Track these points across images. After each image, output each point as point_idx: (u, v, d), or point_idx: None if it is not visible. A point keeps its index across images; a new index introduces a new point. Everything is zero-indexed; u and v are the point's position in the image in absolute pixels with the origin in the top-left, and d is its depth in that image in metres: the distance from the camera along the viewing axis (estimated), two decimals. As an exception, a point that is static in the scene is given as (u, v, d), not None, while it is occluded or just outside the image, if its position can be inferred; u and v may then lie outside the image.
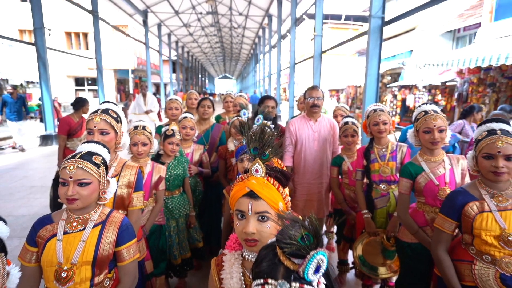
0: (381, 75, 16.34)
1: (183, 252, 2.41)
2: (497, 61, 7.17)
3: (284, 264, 0.62)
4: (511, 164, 1.25)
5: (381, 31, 5.76)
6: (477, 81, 9.68)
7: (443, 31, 13.66)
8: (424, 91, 12.11)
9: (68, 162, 1.14)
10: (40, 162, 6.83)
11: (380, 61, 5.91)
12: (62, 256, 1.10)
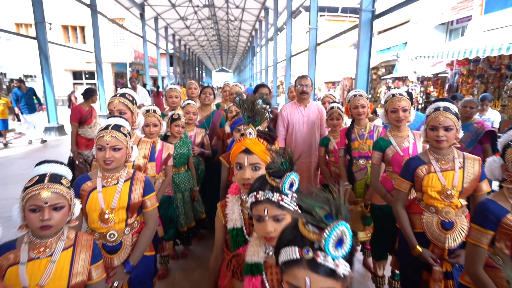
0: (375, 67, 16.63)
1: (188, 221, 2.77)
2: (483, 53, 7.49)
3: (269, 183, 0.96)
4: (449, 134, 1.59)
5: (371, 24, 6.05)
6: (466, 72, 10.03)
7: (437, 23, 13.90)
8: (417, 83, 12.46)
9: (104, 132, 1.46)
10: (46, 152, 7.13)
11: (371, 53, 6.21)
12: (104, 203, 1.44)
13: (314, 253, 0.64)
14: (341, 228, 0.63)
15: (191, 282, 2.60)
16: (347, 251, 0.64)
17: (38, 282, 1.05)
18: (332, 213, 0.65)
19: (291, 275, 0.66)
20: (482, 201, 1.28)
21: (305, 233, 0.66)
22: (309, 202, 0.66)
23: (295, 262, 0.66)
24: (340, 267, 0.63)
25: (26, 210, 1.05)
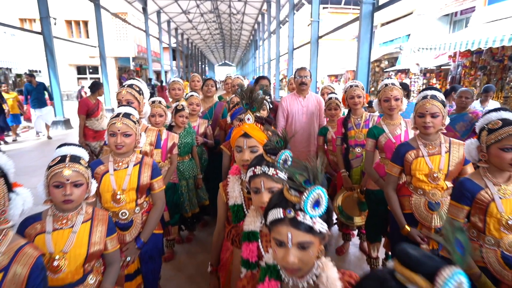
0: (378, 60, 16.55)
1: (192, 207, 2.91)
2: (485, 45, 7.49)
3: (266, 160, 1.09)
4: (436, 120, 1.70)
5: (372, 17, 6.09)
6: (469, 64, 10.02)
7: (440, 14, 13.78)
8: (420, 75, 12.44)
9: (115, 119, 1.59)
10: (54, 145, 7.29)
11: (372, 45, 6.25)
12: (115, 185, 1.58)
13: (295, 213, 0.76)
14: (317, 191, 0.75)
15: (195, 264, 2.76)
16: (323, 211, 0.76)
17: (62, 248, 1.19)
18: (310, 179, 0.77)
19: (277, 232, 0.79)
20: (460, 180, 1.40)
21: (288, 196, 0.79)
22: (291, 170, 0.79)
23: (279, 220, 0.78)
24: (317, 225, 0.76)
25: (50, 186, 1.19)
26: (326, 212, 0.78)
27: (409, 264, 0.54)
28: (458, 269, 0.51)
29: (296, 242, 0.76)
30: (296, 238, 0.76)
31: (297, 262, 0.76)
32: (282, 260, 0.77)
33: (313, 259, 0.79)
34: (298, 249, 0.76)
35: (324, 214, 0.78)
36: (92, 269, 1.29)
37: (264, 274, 0.87)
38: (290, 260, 0.75)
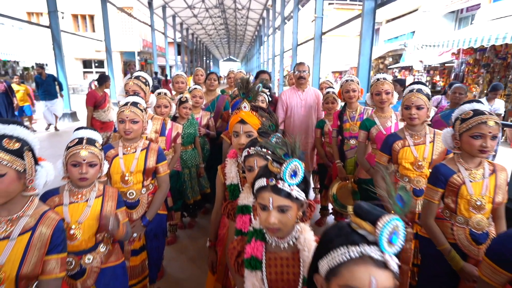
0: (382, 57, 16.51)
1: (194, 194, 3.07)
2: (488, 42, 7.52)
3: (259, 141, 1.23)
4: (421, 112, 1.83)
5: (374, 13, 6.15)
6: (473, 62, 10.03)
7: (446, 11, 13.71)
8: (423, 72, 12.46)
9: (124, 107, 1.74)
10: (62, 136, 7.52)
11: (373, 42, 6.33)
12: (124, 167, 1.73)
13: (276, 181, 0.90)
14: (294, 163, 0.90)
15: (197, 248, 2.92)
16: (299, 180, 0.91)
17: (77, 219, 1.33)
18: (288, 153, 0.91)
19: (261, 197, 0.93)
20: (436, 165, 1.53)
21: (271, 168, 0.93)
22: (273, 145, 0.93)
23: (263, 188, 0.92)
24: (294, 191, 0.90)
25: (68, 165, 1.34)
26: (303, 182, 0.93)
27: (361, 214, 0.67)
28: (395, 216, 0.64)
29: (276, 205, 0.90)
30: (276, 202, 0.90)
31: (277, 222, 0.90)
32: (265, 221, 0.91)
33: (291, 221, 0.93)
34: (278, 212, 0.90)
35: (301, 184, 0.92)
36: (103, 239, 1.45)
37: (251, 236, 1.02)
38: (271, 220, 0.89)
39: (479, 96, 9.60)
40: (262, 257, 0.98)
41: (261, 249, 0.99)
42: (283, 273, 0.97)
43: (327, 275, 0.68)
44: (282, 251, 0.98)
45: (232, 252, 1.07)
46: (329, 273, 0.67)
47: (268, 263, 0.98)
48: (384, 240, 0.62)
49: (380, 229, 0.62)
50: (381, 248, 0.63)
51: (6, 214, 1.04)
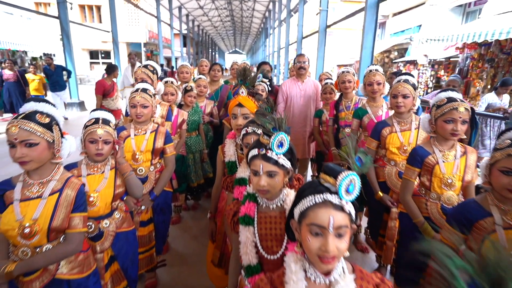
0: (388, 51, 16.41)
1: (198, 178, 3.26)
2: (491, 37, 7.54)
3: (256, 122, 1.40)
4: (407, 101, 1.98)
5: (377, 7, 6.22)
6: (477, 56, 10.01)
7: (453, 5, 13.57)
8: (428, 67, 12.44)
9: (135, 93, 1.92)
10: (72, 125, 7.75)
11: (375, 36, 6.40)
12: (135, 147, 1.92)
13: (266, 151, 1.08)
14: (281, 135, 1.07)
15: (199, 227, 3.13)
16: (285, 150, 1.08)
17: (95, 188, 1.51)
18: (276, 127, 1.08)
19: (253, 164, 1.11)
20: (414, 148, 1.69)
21: (262, 140, 1.10)
22: (262, 119, 1.10)
23: (255, 156, 1.10)
24: (280, 160, 1.08)
25: (86, 142, 1.52)
26: (289, 153, 1.10)
27: (327, 172, 0.84)
28: (353, 172, 0.81)
29: (265, 170, 1.08)
30: (265, 168, 1.08)
31: (266, 185, 1.08)
32: (257, 184, 1.09)
33: (279, 185, 1.11)
34: (267, 177, 1.08)
35: (287, 153, 1.09)
36: (117, 207, 1.64)
37: (245, 199, 1.20)
38: (261, 183, 1.07)
39: (483, 91, 9.62)
40: (254, 215, 1.16)
41: (254, 209, 1.17)
42: (271, 229, 1.15)
43: (299, 218, 0.84)
44: (271, 211, 1.16)
45: (229, 212, 1.25)
46: (300, 216, 0.83)
47: (259, 220, 1.16)
48: (343, 189, 0.79)
49: (339, 181, 0.79)
50: (340, 195, 0.80)
51: (38, 178, 1.23)
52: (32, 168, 1.18)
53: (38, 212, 1.18)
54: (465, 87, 10.87)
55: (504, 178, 1.12)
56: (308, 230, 0.79)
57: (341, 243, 0.78)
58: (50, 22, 18.90)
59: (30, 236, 1.16)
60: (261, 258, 1.15)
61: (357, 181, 0.80)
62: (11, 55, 17.08)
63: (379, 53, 16.67)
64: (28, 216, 1.16)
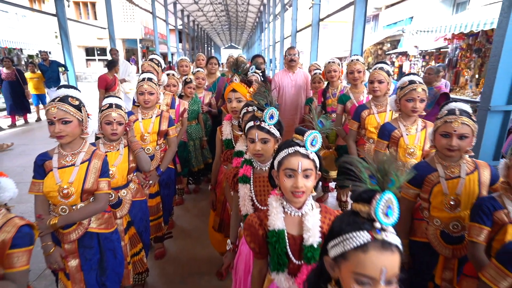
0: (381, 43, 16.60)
1: (198, 163, 3.54)
2: (477, 27, 7.82)
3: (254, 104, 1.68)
4: (382, 86, 2.26)
5: (366, 1, 6.46)
6: (466, 47, 10.30)
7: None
8: (419, 58, 12.72)
9: (143, 82, 2.18)
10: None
11: (365, 28, 6.64)
12: (143, 128, 2.19)
13: (260, 122, 1.36)
14: (272, 109, 1.35)
15: (200, 208, 3.42)
16: (275, 121, 1.36)
17: (113, 163, 1.79)
18: (268, 102, 1.36)
19: (249, 134, 1.39)
20: (383, 124, 1.97)
21: (256, 114, 1.38)
22: (257, 97, 1.38)
23: (251, 127, 1.38)
24: (272, 129, 1.36)
25: (102, 123, 1.79)
26: (278, 124, 1.39)
27: (297, 132, 1.12)
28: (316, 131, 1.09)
29: (260, 138, 1.36)
30: (259, 136, 1.36)
31: (260, 149, 1.36)
32: (253, 149, 1.38)
33: (270, 150, 1.39)
34: (261, 143, 1.37)
35: (276, 125, 1.38)
36: (131, 179, 1.92)
37: (243, 164, 1.48)
38: (257, 148, 1.36)
39: (471, 80, 9.94)
40: (250, 175, 1.45)
41: (250, 170, 1.46)
42: (264, 186, 1.44)
43: (277, 166, 1.08)
44: (264, 172, 1.45)
45: (229, 175, 1.54)
46: (278, 165, 1.07)
47: (254, 179, 1.45)
48: (308, 143, 1.04)
49: (305, 137, 1.04)
50: (306, 147, 1.04)
51: (70, 150, 1.50)
52: (67, 142, 1.45)
53: (73, 177, 1.45)
54: (455, 77, 11.18)
55: (443, 140, 1.40)
56: (284, 173, 1.07)
57: (308, 181, 1.06)
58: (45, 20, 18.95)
59: (67, 196, 1.44)
60: (255, 209, 1.44)
61: (319, 137, 1.08)
62: (7, 53, 17.16)
63: (373, 45, 16.91)
64: (65, 180, 1.44)
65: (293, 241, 1.10)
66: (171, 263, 2.47)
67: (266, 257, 1.16)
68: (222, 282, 2.24)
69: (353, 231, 0.69)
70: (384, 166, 0.70)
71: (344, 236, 0.70)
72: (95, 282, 1.55)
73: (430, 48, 11.99)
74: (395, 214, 0.69)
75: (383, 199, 0.68)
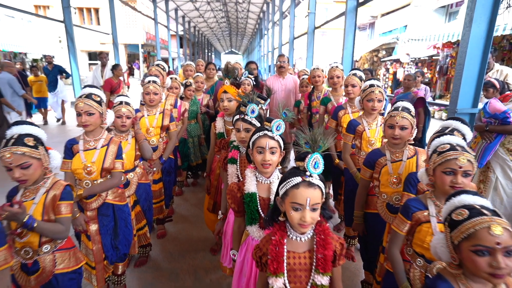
0: (376, 50, 17.05)
1: (196, 159, 3.91)
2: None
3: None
4: (355, 89, 2.63)
5: (356, 11, 6.88)
6: (455, 54, 10.74)
7: (437, 6, 14.31)
8: (412, 65, 13.17)
9: (149, 84, 2.55)
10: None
11: (355, 37, 7.06)
12: (148, 123, 2.57)
13: (244, 116, 1.75)
14: (252, 106, 1.73)
15: (198, 198, 3.78)
16: (256, 115, 1.75)
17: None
18: (249, 100, 1.75)
19: (236, 125, 1.77)
20: (349, 120, 2.35)
21: (241, 109, 1.76)
22: (242, 96, 1.76)
23: (237, 120, 1.78)
24: (253, 121, 1.75)
25: (116, 118, 2.16)
26: (258, 117, 1.76)
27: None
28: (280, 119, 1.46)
29: (243, 128, 1.74)
30: (243, 126, 1.75)
31: (244, 137, 1.73)
32: (239, 137, 1.75)
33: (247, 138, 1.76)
34: (245, 132, 1.74)
35: (257, 118, 1.75)
36: (137, 165, 2.29)
37: (232, 148, 1.86)
38: (241, 135, 1.74)
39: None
40: (237, 158, 1.82)
41: (237, 154, 1.83)
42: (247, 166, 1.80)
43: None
44: None
45: (221, 157, 1.93)
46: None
47: (240, 161, 1.82)
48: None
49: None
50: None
51: (92, 136, 1.86)
52: (90, 130, 1.82)
53: (95, 157, 1.82)
54: (446, 83, 11.60)
55: (389, 130, 1.75)
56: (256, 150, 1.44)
57: (274, 157, 1.43)
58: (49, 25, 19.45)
59: (90, 173, 1.80)
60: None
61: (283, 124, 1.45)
62: (13, 57, 17.61)
63: (368, 52, 17.39)
64: (89, 160, 1.80)
65: (263, 201, 1.46)
66: (171, 242, 2.82)
67: (243, 215, 1.52)
68: (214, 257, 2.59)
69: (292, 177, 1.07)
70: (315, 136, 1.08)
71: (287, 180, 1.08)
72: (110, 244, 1.90)
73: (421, 56, 12.43)
74: (321, 167, 1.08)
75: (312, 158, 1.06)
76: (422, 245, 1.33)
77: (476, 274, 0.92)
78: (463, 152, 1.23)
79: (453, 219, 0.96)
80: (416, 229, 1.35)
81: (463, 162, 1.21)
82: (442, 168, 1.26)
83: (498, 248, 0.86)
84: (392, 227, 1.45)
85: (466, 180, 1.24)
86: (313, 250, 1.10)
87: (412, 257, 1.41)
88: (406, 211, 1.38)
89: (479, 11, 3.30)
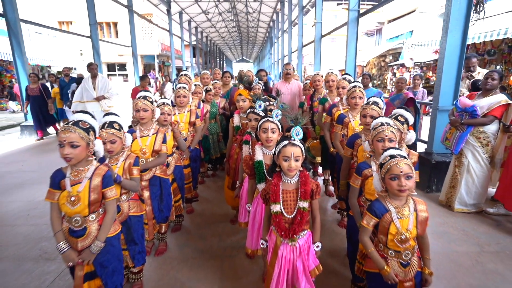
0: (383, 55, 17.53)
1: (216, 153, 4.58)
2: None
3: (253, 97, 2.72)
4: (344, 90, 3.26)
5: (357, 21, 7.51)
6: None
7: (441, 12, 14.74)
8: (417, 69, 13.62)
9: (180, 89, 3.24)
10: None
11: (357, 44, 7.67)
12: (180, 120, 3.26)
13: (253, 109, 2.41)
14: (260, 102, 2.40)
15: (217, 185, 4.45)
16: (262, 110, 2.40)
17: (146, 143, 2.75)
18: (257, 98, 2.41)
19: (248, 116, 2.42)
20: (339, 114, 2.97)
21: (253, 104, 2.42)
22: (253, 96, 2.43)
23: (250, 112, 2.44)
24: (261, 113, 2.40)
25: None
26: (263, 111, 2.41)
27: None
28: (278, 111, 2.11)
29: (254, 118, 2.39)
30: (253, 117, 2.40)
31: (255, 125, 2.38)
32: (250, 126, 2.41)
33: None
34: (255, 121, 2.39)
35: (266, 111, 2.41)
36: (174, 151, 2.97)
37: (245, 133, 2.51)
38: (253, 123, 2.40)
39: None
40: (250, 140, 2.47)
41: (249, 137, 2.48)
42: None
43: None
44: None
45: (239, 140, 2.58)
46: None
47: (252, 142, 2.46)
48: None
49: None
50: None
51: (145, 127, 2.54)
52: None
53: (148, 142, 2.50)
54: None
55: (362, 119, 2.38)
56: (262, 131, 2.08)
57: (274, 135, 2.07)
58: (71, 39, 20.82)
59: (145, 154, 2.48)
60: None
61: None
62: (40, 70, 18.92)
63: (376, 57, 17.90)
64: (143, 144, 2.49)
65: (267, 166, 2.10)
66: (198, 216, 3.49)
67: (255, 178, 2.16)
68: (233, 226, 3.23)
69: (282, 141, 1.71)
70: (296, 116, 1.73)
71: (279, 143, 1.72)
72: (157, 207, 2.57)
73: (424, 60, 12.88)
74: (300, 135, 1.71)
75: (295, 129, 1.71)
76: (369, 192, 1.92)
77: (392, 192, 1.52)
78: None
79: (381, 162, 1.57)
80: (365, 182, 1.95)
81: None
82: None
83: (401, 174, 1.47)
84: (350, 182, 2.00)
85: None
86: (298, 188, 1.73)
87: (365, 203, 1.96)
88: (358, 170, 1.95)
89: (454, 23, 3.90)
